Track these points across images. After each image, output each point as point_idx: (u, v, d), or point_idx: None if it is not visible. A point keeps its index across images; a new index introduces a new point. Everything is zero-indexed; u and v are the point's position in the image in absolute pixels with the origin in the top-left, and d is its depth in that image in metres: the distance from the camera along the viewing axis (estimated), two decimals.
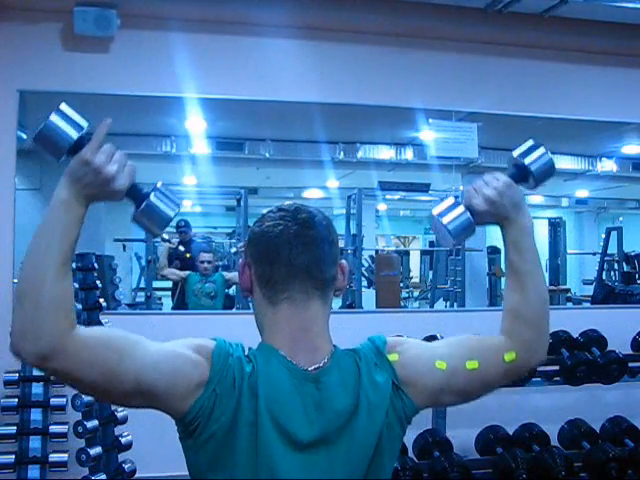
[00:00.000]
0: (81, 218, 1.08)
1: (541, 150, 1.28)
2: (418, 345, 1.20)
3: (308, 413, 1.07)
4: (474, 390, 1.21)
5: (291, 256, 1.12)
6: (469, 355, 1.19)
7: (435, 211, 1.26)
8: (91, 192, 1.07)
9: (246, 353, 1.11)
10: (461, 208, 1.24)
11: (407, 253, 12.18)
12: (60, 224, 1.05)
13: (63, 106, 1.10)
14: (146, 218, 1.15)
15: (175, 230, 6.58)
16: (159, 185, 1.16)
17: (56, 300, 1.02)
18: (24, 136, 4.01)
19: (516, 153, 1.29)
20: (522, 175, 1.27)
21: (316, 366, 1.10)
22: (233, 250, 6.73)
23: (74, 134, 1.09)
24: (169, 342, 1.10)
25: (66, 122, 1.09)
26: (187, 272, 5.79)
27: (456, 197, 1.27)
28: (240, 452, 1.04)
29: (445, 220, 1.23)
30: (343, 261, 1.21)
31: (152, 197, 1.14)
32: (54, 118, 1.08)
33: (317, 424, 1.06)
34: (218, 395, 1.05)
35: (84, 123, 1.10)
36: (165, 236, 6.38)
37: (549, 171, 1.29)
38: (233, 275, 5.82)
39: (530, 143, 1.30)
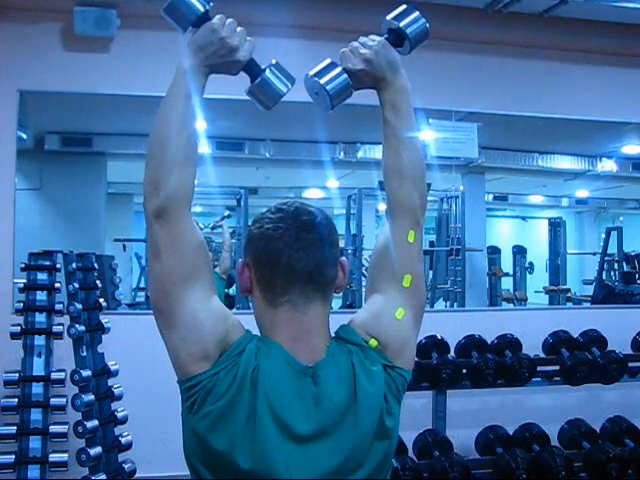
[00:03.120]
0: (202, 86, 1.19)
1: (415, 14, 1.29)
2: (375, 315, 1.21)
3: (306, 407, 1.08)
4: (421, 296, 1.26)
5: (291, 260, 1.12)
6: (397, 275, 1.22)
7: (311, 72, 1.27)
8: (214, 62, 1.18)
9: (256, 346, 1.12)
10: (339, 69, 1.26)
11: None
12: (183, 91, 1.16)
13: None
14: (260, 92, 1.22)
15: None
16: (274, 62, 1.24)
17: (180, 153, 1.13)
18: (24, 136, 4.01)
19: (390, 17, 1.29)
20: (397, 38, 1.28)
21: (314, 362, 1.11)
22: (211, 225, 6.74)
23: (201, 7, 1.17)
24: (221, 305, 1.15)
25: None
26: None
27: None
28: (236, 436, 1.05)
29: (323, 80, 1.25)
30: (343, 258, 1.21)
31: (267, 72, 1.22)
32: None
33: (315, 418, 1.08)
34: (220, 380, 1.06)
35: None
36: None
37: (423, 34, 1.29)
38: (221, 263, 5.78)
39: (404, 7, 1.30)
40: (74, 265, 3.32)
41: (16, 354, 3.27)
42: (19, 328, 3.26)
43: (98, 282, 3.49)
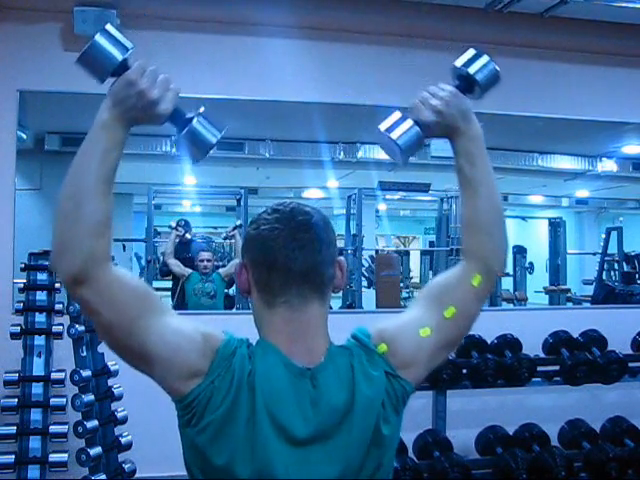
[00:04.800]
0: (122, 141, 1.10)
1: (485, 58, 1.25)
2: (399, 323, 1.20)
3: (304, 410, 1.07)
4: (459, 333, 1.24)
5: (288, 261, 1.11)
6: (443, 303, 1.20)
7: (382, 126, 1.22)
8: (134, 115, 1.09)
9: (249, 349, 1.11)
10: (409, 122, 1.21)
11: (407, 253, 12.18)
12: (100, 146, 1.07)
13: (108, 26, 1.09)
14: (188, 143, 1.15)
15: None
16: (202, 110, 1.16)
17: (94, 219, 1.04)
18: (24, 136, 4.00)
19: (459, 62, 1.25)
20: (467, 85, 1.24)
21: (312, 364, 1.10)
22: (222, 235, 6.71)
23: (119, 55, 1.08)
24: (184, 320, 1.11)
25: (111, 43, 1.08)
26: (190, 270, 5.74)
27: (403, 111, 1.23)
28: (236, 446, 1.04)
29: (394, 135, 1.20)
30: (341, 258, 1.20)
31: (194, 122, 1.14)
32: (99, 38, 1.07)
33: (313, 421, 1.07)
34: (216, 388, 1.05)
35: (129, 44, 1.09)
36: (173, 223, 6.34)
37: (494, 79, 1.25)
38: (228, 268, 5.80)
39: (473, 52, 1.26)
40: None
41: (16, 354, 3.27)
42: (19, 328, 3.26)
43: None
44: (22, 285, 3.35)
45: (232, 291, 6.25)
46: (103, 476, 3.06)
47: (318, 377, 1.09)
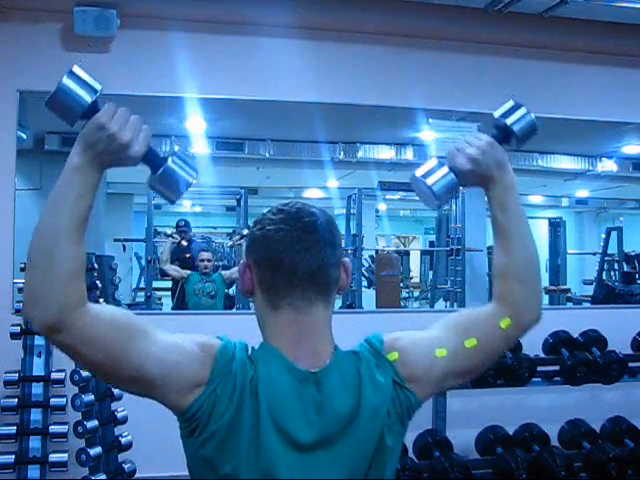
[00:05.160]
0: (95, 184, 1.05)
1: (522, 110, 1.26)
2: (415, 337, 1.19)
3: (308, 415, 1.06)
4: (477, 365, 1.22)
5: (293, 263, 1.09)
6: (466, 333, 1.19)
7: (418, 172, 1.24)
8: (106, 159, 1.05)
9: (249, 353, 1.10)
10: (445, 169, 1.23)
11: (407, 253, 12.19)
12: (73, 190, 1.03)
13: (76, 68, 1.06)
14: (163, 184, 1.11)
15: (175, 230, 6.59)
16: (177, 149, 1.12)
17: (67, 267, 1.01)
18: (24, 136, 3.99)
19: (497, 114, 1.27)
20: (504, 136, 1.26)
21: (317, 368, 1.09)
22: (229, 243, 6.73)
23: (88, 97, 1.04)
24: (176, 334, 1.09)
25: (79, 85, 1.05)
26: (189, 271, 5.77)
27: (439, 158, 1.26)
28: (241, 453, 1.03)
29: (430, 181, 1.22)
30: (346, 259, 1.18)
31: (170, 162, 1.10)
32: (67, 81, 1.04)
33: (317, 426, 1.06)
34: (218, 396, 1.04)
35: (98, 86, 1.06)
36: (168, 231, 6.39)
37: (531, 131, 1.27)
38: (231, 272, 5.83)
39: (511, 103, 1.28)
40: None
41: (16, 354, 3.27)
42: (19, 328, 3.26)
43: (98, 282, 3.50)
44: (22, 285, 3.35)
45: (232, 291, 6.25)
46: (103, 476, 3.06)
47: (323, 382, 1.08)
